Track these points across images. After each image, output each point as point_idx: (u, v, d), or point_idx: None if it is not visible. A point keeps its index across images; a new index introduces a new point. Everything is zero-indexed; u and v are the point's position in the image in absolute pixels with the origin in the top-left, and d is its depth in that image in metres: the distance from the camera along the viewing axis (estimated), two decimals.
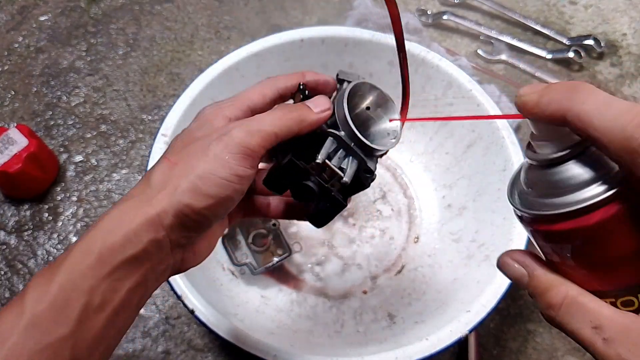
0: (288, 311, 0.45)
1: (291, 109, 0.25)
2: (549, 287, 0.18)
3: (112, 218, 0.22)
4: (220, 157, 0.23)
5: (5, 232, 0.51)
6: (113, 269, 0.21)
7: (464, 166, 0.49)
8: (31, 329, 0.20)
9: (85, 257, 0.21)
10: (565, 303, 0.17)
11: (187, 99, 0.45)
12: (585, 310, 0.17)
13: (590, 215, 0.16)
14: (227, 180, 0.23)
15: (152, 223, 0.22)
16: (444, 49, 0.61)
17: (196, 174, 0.22)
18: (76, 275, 0.21)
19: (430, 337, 0.35)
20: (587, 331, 0.17)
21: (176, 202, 0.22)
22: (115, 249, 0.21)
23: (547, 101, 0.16)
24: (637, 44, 0.65)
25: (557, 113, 0.16)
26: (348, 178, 0.25)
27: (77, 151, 0.56)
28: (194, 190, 0.22)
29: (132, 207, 0.22)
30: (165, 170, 0.23)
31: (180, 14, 0.67)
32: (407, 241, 0.49)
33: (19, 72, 0.61)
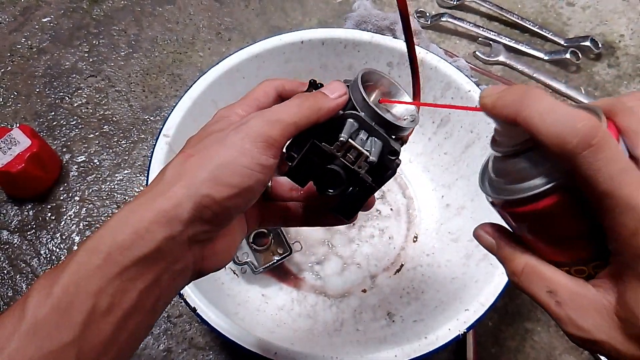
0: (288, 310, 0.46)
1: (308, 97, 0.24)
2: (513, 256, 0.21)
3: (121, 216, 0.21)
4: (241, 145, 0.22)
5: (8, 231, 0.51)
6: (122, 268, 0.20)
7: (462, 166, 0.49)
8: (32, 335, 0.18)
9: (91, 256, 0.20)
10: (525, 270, 0.20)
11: (189, 100, 0.45)
12: (542, 277, 0.19)
13: (537, 202, 0.18)
14: (249, 168, 0.22)
15: (166, 218, 0.20)
16: (442, 50, 0.61)
17: (216, 163, 0.21)
18: (82, 276, 0.19)
19: (429, 336, 0.36)
20: (543, 295, 0.19)
21: (194, 194, 0.21)
22: (124, 247, 0.20)
23: (502, 104, 0.18)
24: (635, 45, 0.65)
25: (510, 115, 0.18)
26: (374, 156, 0.24)
27: (79, 151, 0.56)
28: (214, 179, 0.21)
29: (144, 203, 0.21)
30: (181, 163, 0.22)
31: (182, 15, 0.67)
32: (406, 241, 0.50)
33: (22, 73, 0.62)
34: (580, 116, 0.16)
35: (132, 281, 0.20)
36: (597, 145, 0.16)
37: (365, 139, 0.25)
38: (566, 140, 0.16)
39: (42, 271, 0.49)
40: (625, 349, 0.17)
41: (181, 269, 0.22)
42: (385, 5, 0.69)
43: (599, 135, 0.16)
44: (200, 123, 0.53)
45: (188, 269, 0.23)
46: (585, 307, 0.18)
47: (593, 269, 0.19)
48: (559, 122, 0.16)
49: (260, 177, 0.22)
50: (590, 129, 0.16)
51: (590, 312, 0.18)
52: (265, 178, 0.22)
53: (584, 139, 0.16)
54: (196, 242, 0.22)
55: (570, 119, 0.16)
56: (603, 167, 0.16)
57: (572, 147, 0.16)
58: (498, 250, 0.22)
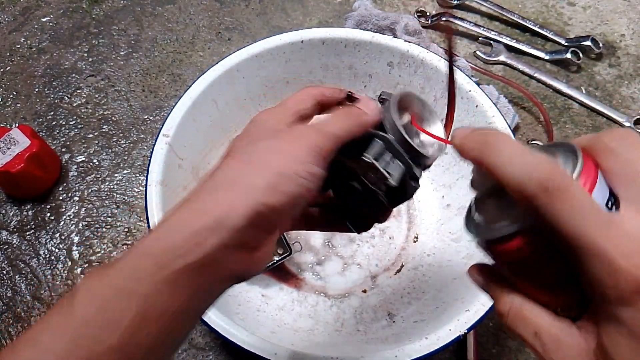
0: (289, 310, 0.46)
1: (350, 112, 0.25)
2: (499, 297, 0.21)
3: (174, 220, 0.21)
4: (297, 154, 0.22)
5: (8, 231, 0.51)
6: (172, 274, 0.19)
7: (463, 166, 0.49)
8: (78, 337, 0.18)
9: (142, 260, 0.20)
10: (511, 312, 0.20)
11: (189, 100, 0.45)
12: (527, 319, 0.19)
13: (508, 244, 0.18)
14: (303, 177, 0.22)
15: (220, 224, 0.20)
16: (443, 50, 0.61)
17: (273, 171, 0.21)
18: (131, 279, 0.19)
19: (430, 336, 0.36)
20: (530, 337, 0.19)
21: (252, 200, 0.21)
22: (176, 253, 0.20)
23: (467, 148, 0.19)
24: (636, 44, 0.65)
25: (476, 160, 0.18)
26: (395, 181, 0.24)
27: (79, 151, 0.56)
28: (272, 187, 0.21)
29: (195, 209, 0.21)
30: (235, 169, 0.22)
31: (182, 15, 0.67)
32: (406, 241, 0.50)
33: (21, 73, 0.62)
34: (538, 162, 0.17)
35: (181, 287, 0.20)
36: (555, 191, 0.16)
37: (388, 161, 0.25)
38: (523, 187, 0.16)
39: (41, 271, 0.49)
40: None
41: (228, 275, 0.22)
42: (385, 5, 0.69)
43: (556, 181, 0.16)
44: (200, 123, 0.53)
45: (234, 274, 0.23)
46: (568, 351, 0.18)
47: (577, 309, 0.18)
48: (518, 169, 0.17)
49: (311, 186, 0.22)
50: (546, 175, 0.16)
51: (574, 356, 0.18)
52: (315, 187, 0.23)
53: (540, 186, 0.16)
54: (245, 248, 0.22)
55: (527, 166, 0.17)
56: (563, 213, 0.16)
57: (530, 194, 0.16)
58: (488, 290, 0.22)
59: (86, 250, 0.50)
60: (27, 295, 0.48)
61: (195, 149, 0.47)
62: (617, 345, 0.16)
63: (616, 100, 0.61)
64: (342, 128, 0.24)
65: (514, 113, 0.57)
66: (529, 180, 0.16)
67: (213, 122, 0.49)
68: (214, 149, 0.50)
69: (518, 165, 0.17)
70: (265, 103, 0.53)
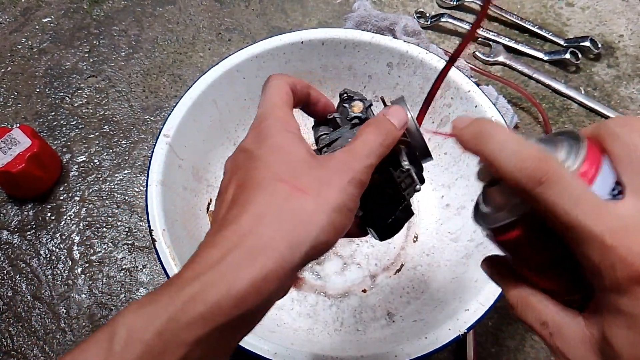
0: (288, 310, 0.46)
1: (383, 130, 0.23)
2: (508, 288, 0.21)
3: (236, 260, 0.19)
4: (346, 189, 0.21)
5: (8, 231, 0.52)
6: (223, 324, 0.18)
7: (462, 166, 0.49)
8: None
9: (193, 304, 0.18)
10: (519, 302, 0.20)
11: (189, 100, 0.45)
12: (534, 309, 0.20)
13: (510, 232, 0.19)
14: (352, 210, 0.22)
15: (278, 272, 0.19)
16: (442, 50, 0.62)
17: (331, 207, 0.20)
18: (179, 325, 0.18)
19: (429, 336, 0.36)
20: (538, 326, 0.19)
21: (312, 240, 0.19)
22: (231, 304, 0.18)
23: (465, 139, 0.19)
24: (634, 45, 0.65)
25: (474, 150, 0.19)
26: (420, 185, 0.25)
27: (79, 151, 0.56)
28: (332, 225, 0.20)
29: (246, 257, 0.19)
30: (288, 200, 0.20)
31: (182, 16, 0.67)
32: (406, 240, 0.50)
33: (22, 73, 0.62)
34: (530, 153, 0.17)
35: (228, 338, 0.19)
36: (547, 180, 0.16)
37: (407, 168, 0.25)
38: (518, 178, 0.17)
39: (41, 271, 0.50)
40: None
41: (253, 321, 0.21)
42: (385, 6, 0.69)
43: (548, 170, 0.16)
44: (201, 123, 0.53)
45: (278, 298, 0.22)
46: (573, 340, 0.18)
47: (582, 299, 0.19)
48: (511, 160, 0.17)
49: (352, 217, 0.22)
50: (539, 166, 0.16)
51: (578, 345, 0.18)
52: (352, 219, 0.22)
53: (532, 176, 0.16)
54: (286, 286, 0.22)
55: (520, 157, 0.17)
56: (558, 201, 0.16)
57: (523, 185, 0.17)
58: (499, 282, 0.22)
59: (87, 250, 0.51)
60: (27, 295, 0.48)
61: (195, 149, 0.47)
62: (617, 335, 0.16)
63: (615, 101, 0.61)
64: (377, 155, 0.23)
65: (512, 113, 0.57)
66: (522, 171, 0.17)
67: (213, 123, 0.49)
68: (214, 149, 0.50)
69: (511, 156, 0.17)
70: None
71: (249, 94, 0.51)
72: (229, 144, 0.52)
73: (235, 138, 0.52)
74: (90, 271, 0.49)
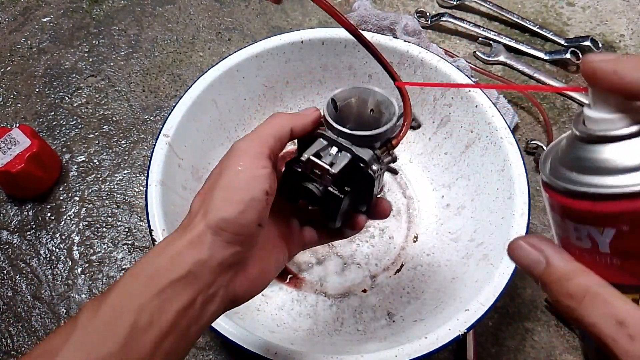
0: (288, 310, 0.46)
1: (274, 116, 0.28)
2: (571, 275, 0.17)
3: (159, 247, 0.24)
4: (234, 168, 0.25)
5: (8, 231, 0.51)
6: (160, 290, 0.22)
7: (462, 166, 0.49)
8: (80, 345, 0.21)
9: (134, 280, 0.23)
10: (588, 295, 0.17)
11: (189, 100, 0.45)
12: (609, 305, 0.16)
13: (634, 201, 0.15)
14: (246, 181, 0.24)
15: (194, 245, 0.23)
16: (442, 50, 0.61)
17: (219, 189, 0.24)
18: (126, 296, 0.22)
19: (429, 336, 0.36)
20: (610, 326, 0.16)
21: (212, 219, 0.23)
22: (161, 272, 0.23)
23: (627, 70, 0.15)
24: (635, 44, 0.65)
25: (637, 84, 0.15)
26: (335, 169, 0.26)
27: (79, 151, 0.56)
28: (223, 202, 0.24)
29: (176, 236, 0.24)
30: (198, 199, 0.26)
31: (182, 15, 0.67)
32: (406, 240, 0.50)
33: (22, 73, 0.62)
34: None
35: (169, 301, 0.22)
36: None
37: (335, 154, 0.27)
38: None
39: (41, 271, 0.49)
40: None
41: (213, 293, 0.24)
42: (385, 5, 0.69)
43: None
44: (201, 123, 0.53)
45: (222, 291, 0.25)
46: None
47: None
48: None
49: (260, 186, 0.25)
50: None
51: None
52: (264, 185, 0.25)
53: None
54: (227, 266, 0.24)
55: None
56: None
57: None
58: (547, 268, 0.18)
59: (86, 250, 0.51)
60: (27, 295, 0.48)
61: (195, 148, 0.47)
62: None
63: None
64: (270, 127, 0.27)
65: (513, 113, 0.57)
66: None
67: (213, 122, 0.49)
68: (214, 148, 0.50)
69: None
70: (265, 103, 0.53)
71: (248, 94, 0.51)
72: (228, 143, 0.52)
73: (235, 138, 0.52)
74: (90, 271, 0.49)
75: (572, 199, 0.17)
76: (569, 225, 0.18)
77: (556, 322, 0.47)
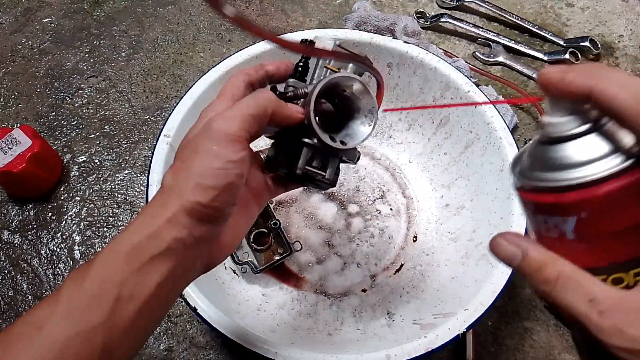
0: (289, 309, 0.46)
1: (266, 93, 0.27)
2: (545, 263, 0.19)
3: (136, 222, 0.24)
4: (210, 150, 0.24)
5: (9, 231, 0.52)
6: (141, 264, 0.23)
7: (461, 166, 0.49)
8: (67, 317, 0.21)
9: (115, 255, 0.23)
10: (560, 278, 0.18)
11: (189, 100, 0.46)
12: (580, 285, 0.18)
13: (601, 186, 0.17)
14: (222, 168, 0.24)
15: (171, 224, 0.24)
16: (442, 51, 0.62)
17: (195, 172, 0.24)
18: (108, 271, 0.23)
19: (429, 335, 0.36)
20: (583, 304, 0.18)
21: (185, 202, 0.24)
22: (141, 248, 0.23)
23: (572, 78, 0.17)
24: (634, 45, 0.65)
25: (582, 89, 0.17)
26: (329, 175, 0.29)
27: (80, 151, 0.57)
28: (198, 187, 0.24)
29: (152, 212, 0.24)
30: (171, 176, 0.25)
31: (183, 16, 0.67)
32: (405, 240, 0.50)
33: (23, 74, 0.62)
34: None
35: (149, 274, 0.23)
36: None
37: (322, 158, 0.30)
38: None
39: (42, 271, 0.50)
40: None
41: (192, 264, 0.25)
42: (385, 6, 0.69)
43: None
44: None
45: (198, 263, 0.26)
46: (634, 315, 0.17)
47: (634, 276, 0.18)
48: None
49: (236, 171, 0.25)
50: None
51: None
52: (240, 170, 0.25)
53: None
54: (203, 240, 0.25)
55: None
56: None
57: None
58: (524, 260, 0.20)
59: (87, 250, 0.51)
60: (28, 295, 0.48)
61: None
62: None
63: None
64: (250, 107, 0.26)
65: (512, 113, 0.57)
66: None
67: None
68: None
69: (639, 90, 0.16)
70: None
71: None
72: None
73: None
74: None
75: (540, 194, 0.19)
76: (539, 219, 0.20)
77: (555, 322, 0.47)
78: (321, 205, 0.52)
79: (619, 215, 0.17)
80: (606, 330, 0.17)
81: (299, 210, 0.51)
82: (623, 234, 0.18)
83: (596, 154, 0.17)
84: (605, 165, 0.17)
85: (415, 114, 0.52)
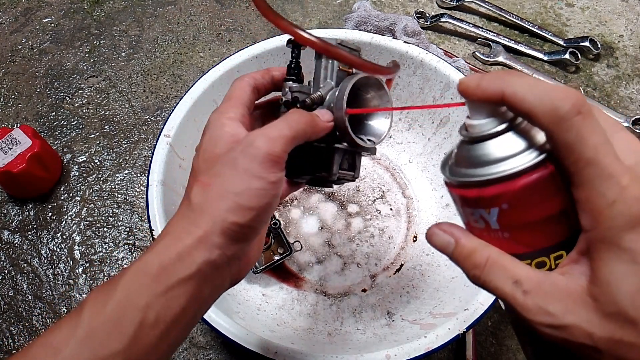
0: (289, 309, 0.46)
1: (302, 113, 0.26)
2: (474, 250, 0.21)
3: (165, 241, 0.23)
4: (250, 169, 0.23)
5: (10, 231, 0.52)
6: (167, 288, 0.22)
7: None
8: (87, 342, 0.21)
9: (141, 277, 0.22)
10: (488, 263, 0.20)
11: (189, 100, 0.46)
12: (506, 269, 0.19)
13: (517, 180, 0.19)
14: (263, 189, 0.23)
15: (202, 244, 0.23)
16: (442, 50, 0.62)
17: (233, 192, 0.23)
18: (132, 293, 0.22)
19: (429, 335, 0.36)
20: (508, 286, 0.19)
21: (221, 222, 0.23)
22: (170, 269, 0.22)
23: (486, 83, 0.19)
24: (634, 45, 0.65)
25: (496, 92, 0.19)
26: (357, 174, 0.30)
27: (80, 151, 0.57)
28: (236, 207, 0.23)
29: (181, 230, 0.23)
30: (201, 192, 0.24)
31: (182, 16, 0.67)
32: (405, 240, 0.50)
33: (23, 74, 0.62)
34: (567, 87, 0.18)
35: (176, 298, 0.22)
36: (585, 113, 0.17)
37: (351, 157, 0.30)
38: (558, 107, 0.17)
39: (42, 271, 0.50)
40: (600, 330, 0.17)
41: (220, 283, 0.25)
42: (385, 6, 0.69)
43: (586, 104, 0.17)
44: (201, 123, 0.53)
45: (226, 281, 0.25)
46: (554, 293, 0.18)
47: (554, 260, 0.19)
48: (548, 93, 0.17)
49: (273, 193, 0.24)
50: (579, 96, 0.17)
51: (559, 297, 0.18)
52: (278, 191, 0.24)
53: (575, 105, 0.17)
54: (234, 258, 0.24)
55: (558, 89, 0.17)
56: (589, 135, 0.17)
57: (564, 113, 0.17)
58: (456, 247, 0.21)
59: (87, 250, 0.51)
60: (28, 295, 0.48)
61: None
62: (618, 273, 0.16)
63: (614, 101, 0.61)
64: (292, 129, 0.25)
65: None
66: (563, 101, 0.17)
67: None
68: None
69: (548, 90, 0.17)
70: None
71: None
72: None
73: None
74: (91, 271, 0.50)
75: (465, 189, 0.21)
76: (467, 212, 0.21)
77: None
78: (321, 205, 0.52)
79: (535, 205, 0.19)
80: (530, 308, 0.18)
81: (299, 210, 0.51)
82: (541, 224, 0.19)
83: (512, 150, 0.19)
84: (520, 160, 0.19)
85: (415, 113, 0.52)
